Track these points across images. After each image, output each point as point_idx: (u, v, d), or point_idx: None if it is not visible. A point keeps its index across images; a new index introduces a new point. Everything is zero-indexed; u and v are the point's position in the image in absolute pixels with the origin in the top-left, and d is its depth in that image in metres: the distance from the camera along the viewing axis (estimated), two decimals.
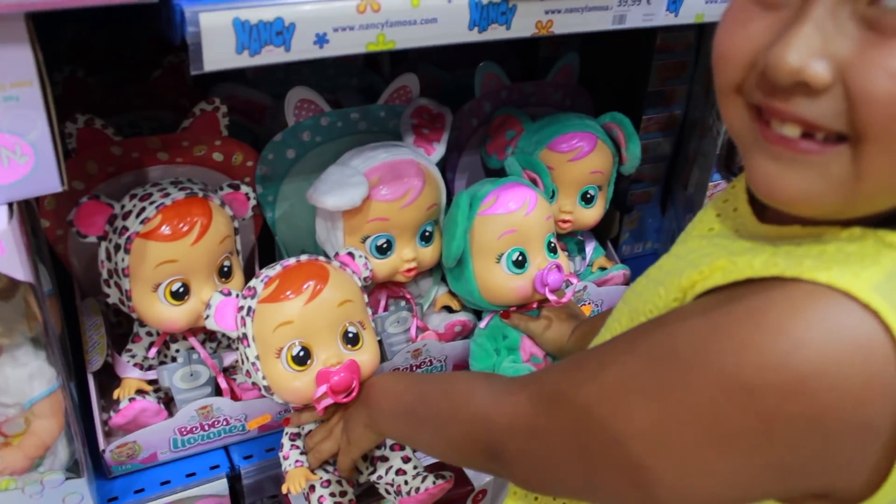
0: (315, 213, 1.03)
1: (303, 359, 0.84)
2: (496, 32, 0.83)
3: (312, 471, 0.89)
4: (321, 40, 0.74)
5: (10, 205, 0.71)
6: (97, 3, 0.65)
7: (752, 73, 0.52)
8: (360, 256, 0.91)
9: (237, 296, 0.86)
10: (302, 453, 0.90)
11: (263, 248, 1.09)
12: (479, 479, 1.07)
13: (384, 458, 0.91)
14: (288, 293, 0.83)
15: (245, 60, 0.72)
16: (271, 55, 0.73)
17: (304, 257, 0.88)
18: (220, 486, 0.96)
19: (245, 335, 0.85)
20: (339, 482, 0.90)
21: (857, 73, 0.46)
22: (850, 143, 0.48)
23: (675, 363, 0.52)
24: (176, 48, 1.15)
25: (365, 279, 0.91)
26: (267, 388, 0.86)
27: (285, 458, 0.90)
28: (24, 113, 0.68)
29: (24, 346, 0.81)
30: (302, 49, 0.73)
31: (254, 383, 0.88)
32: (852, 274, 0.47)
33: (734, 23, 0.53)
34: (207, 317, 0.85)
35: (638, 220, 1.36)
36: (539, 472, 0.63)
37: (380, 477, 0.91)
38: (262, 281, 0.85)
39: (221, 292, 0.86)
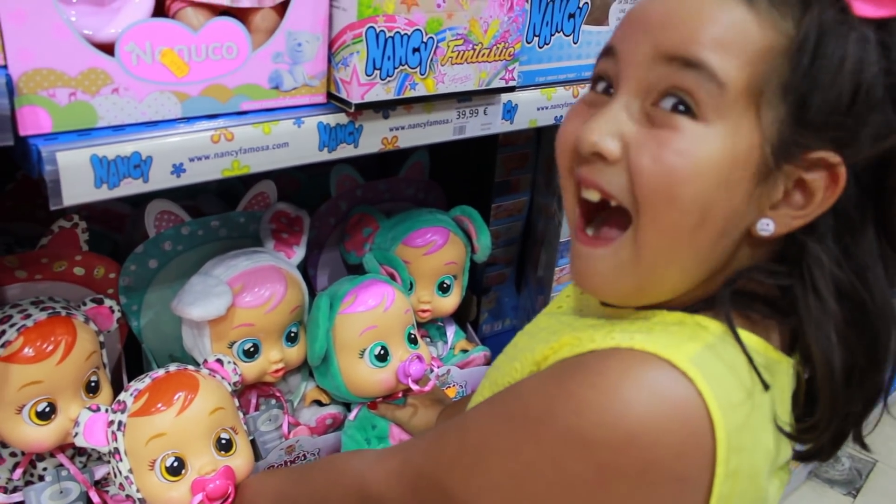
0: (181, 321, 1.05)
1: (177, 469, 0.86)
2: (345, 151, 0.89)
3: None
4: (178, 170, 0.78)
5: None
6: None
7: (575, 155, 0.66)
8: (229, 363, 0.95)
9: (106, 411, 0.87)
10: None
11: (130, 355, 1.10)
12: None
13: None
14: (159, 405, 0.86)
15: (104, 194, 0.75)
16: (130, 187, 0.76)
17: (172, 367, 0.90)
18: None
19: (117, 450, 0.86)
20: None
21: (634, 152, 0.61)
22: (633, 223, 0.62)
23: (527, 421, 0.60)
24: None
25: (234, 384, 0.94)
26: (142, 501, 0.87)
27: None
28: None
29: None
30: (160, 179, 0.77)
31: (128, 496, 0.89)
32: (674, 347, 0.57)
33: (567, 119, 0.69)
34: (76, 434, 0.87)
35: (495, 300, 1.44)
36: None
37: None
38: (131, 395, 0.88)
39: (90, 408, 0.87)
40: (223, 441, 0.90)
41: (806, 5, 0.57)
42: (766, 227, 0.61)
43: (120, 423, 0.86)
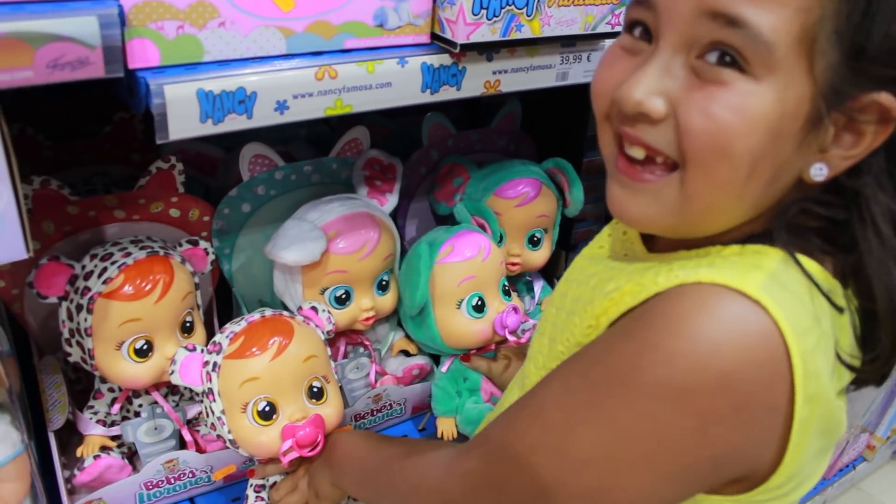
0: (272, 266, 1.05)
1: (268, 414, 0.86)
2: (447, 93, 0.87)
3: None
4: (282, 107, 0.77)
5: None
6: (66, 79, 0.67)
7: (614, 106, 0.62)
8: (324, 311, 0.94)
9: (202, 351, 0.88)
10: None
11: (221, 299, 1.11)
12: None
13: None
14: (254, 349, 0.86)
15: (209, 129, 0.75)
16: (234, 122, 0.76)
17: (268, 312, 0.90)
18: None
19: (210, 390, 0.87)
20: None
21: (682, 109, 0.58)
22: (680, 171, 0.59)
23: (612, 387, 0.58)
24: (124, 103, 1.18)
25: (328, 332, 0.94)
26: (232, 442, 0.88)
27: None
28: None
29: None
30: (263, 116, 0.77)
31: (218, 436, 0.90)
32: (741, 276, 0.55)
33: (605, 65, 0.65)
34: (172, 372, 0.87)
35: None
36: None
37: None
38: (227, 336, 0.88)
39: (186, 348, 0.88)
40: (315, 389, 0.89)
41: None
42: (820, 171, 0.59)
43: (215, 364, 0.87)
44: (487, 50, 0.87)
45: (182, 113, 0.72)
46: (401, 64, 0.83)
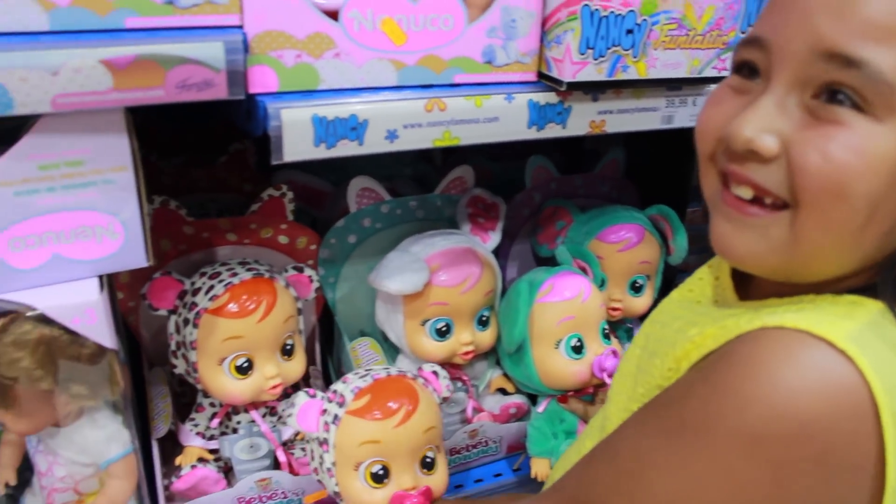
0: (375, 296, 1.08)
1: (381, 477, 0.85)
2: (552, 131, 0.89)
3: None
4: (392, 136, 0.80)
5: (101, 277, 0.78)
6: (192, 99, 0.72)
7: (721, 145, 0.61)
8: (445, 377, 0.93)
9: (322, 398, 0.89)
10: None
11: (323, 328, 1.14)
12: None
13: None
14: (376, 413, 0.84)
15: (321, 153, 0.78)
16: (346, 148, 0.79)
17: (393, 371, 0.90)
18: None
19: (326, 440, 0.86)
20: None
21: (796, 149, 0.56)
22: (791, 210, 0.57)
23: (685, 432, 0.56)
24: (240, 135, 1.24)
25: (443, 399, 0.93)
26: (337, 494, 0.87)
27: None
28: (118, 195, 0.76)
29: (104, 409, 0.86)
30: (374, 143, 0.80)
31: (319, 480, 0.90)
32: (829, 324, 0.53)
33: (711, 103, 0.64)
34: (290, 416, 0.88)
35: None
36: None
37: None
38: (351, 391, 0.87)
39: (307, 392, 0.89)
40: (428, 460, 0.88)
41: None
42: None
43: (336, 416, 0.86)
44: (593, 90, 0.89)
45: (297, 136, 0.76)
46: (508, 100, 0.85)
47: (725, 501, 0.54)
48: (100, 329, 0.76)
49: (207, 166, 1.24)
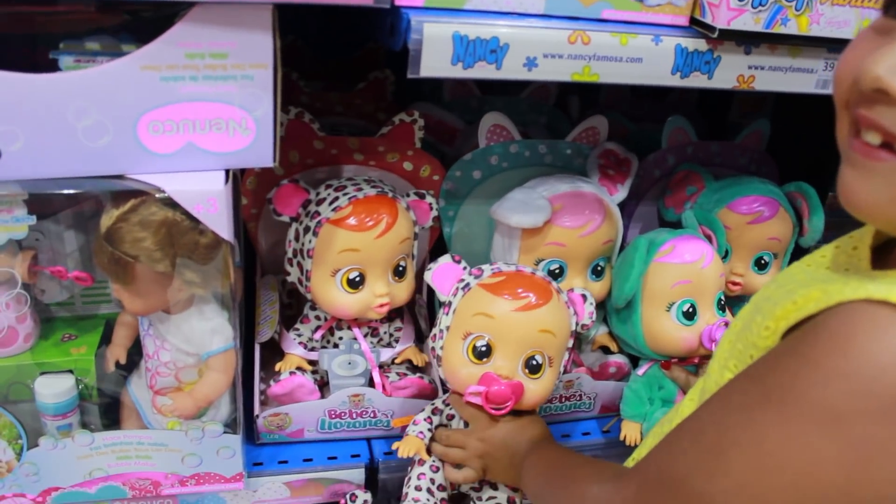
0: (492, 235, 1.08)
1: (483, 354, 0.89)
2: (697, 80, 0.86)
3: (428, 451, 0.95)
4: (530, 63, 0.80)
5: (227, 171, 0.81)
6: (342, 2, 0.73)
7: (854, 87, 0.57)
8: (591, 304, 0.95)
9: (464, 268, 0.93)
10: (430, 430, 0.96)
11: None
12: None
13: (493, 486, 0.95)
14: (505, 294, 0.89)
15: (458, 72, 0.78)
16: (482, 71, 0.79)
17: (539, 272, 0.93)
18: (358, 474, 1.02)
19: (450, 304, 0.91)
20: (444, 478, 0.95)
21: None
22: None
23: (768, 405, 0.54)
24: (380, 66, 1.26)
25: (582, 326, 0.95)
26: (438, 358, 0.93)
27: (415, 423, 0.96)
28: (255, 92, 0.78)
29: (212, 302, 0.90)
30: (512, 69, 0.79)
31: (432, 348, 0.94)
32: None
33: (852, 46, 0.60)
34: (428, 269, 0.95)
35: None
36: None
37: (479, 498, 0.95)
38: (492, 269, 0.92)
39: (452, 257, 0.94)
40: (534, 363, 0.90)
41: None
42: None
43: (468, 285, 0.91)
44: (746, 42, 0.85)
45: (436, 52, 0.76)
46: (655, 41, 0.83)
47: (800, 482, 0.52)
48: (219, 219, 0.79)
49: (345, 92, 1.27)
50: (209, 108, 0.77)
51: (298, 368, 1.02)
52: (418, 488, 0.93)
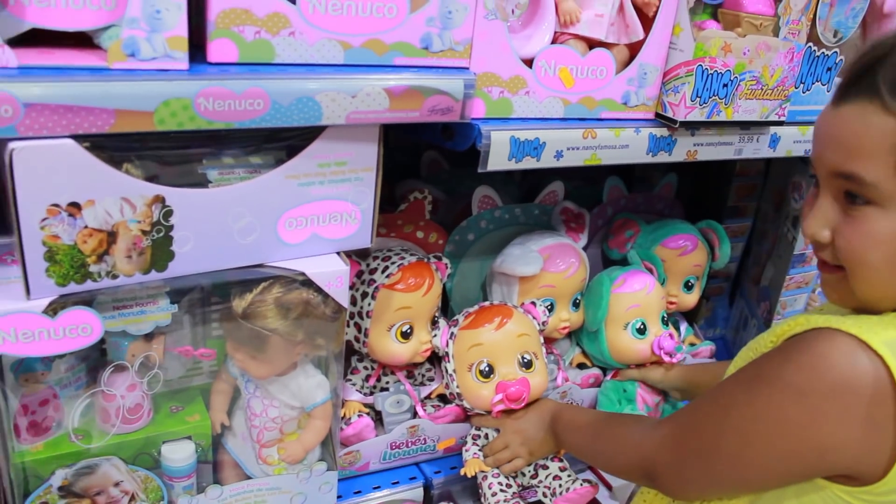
0: (486, 283, 1.37)
1: (487, 373, 1.21)
2: (662, 157, 1.20)
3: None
4: (559, 155, 1.10)
5: (338, 253, 1.05)
6: (436, 120, 1.00)
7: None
8: (541, 305, 1.27)
9: (447, 324, 1.24)
10: (479, 450, 1.24)
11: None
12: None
13: (545, 467, 1.24)
14: (483, 324, 1.22)
15: (512, 165, 1.07)
16: (528, 163, 1.08)
17: (493, 301, 1.24)
18: (417, 492, 1.27)
19: (448, 353, 1.22)
20: (506, 476, 1.22)
21: (837, 236, 0.87)
22: (844, 272, 0.88)
23: (760, 382, 0.88)
24: None
25: (542, 324, 1.26)
26: (459, 395, 1.22)
27: (466, 451, 1.24)
28: (363, 189, 1.03)
29: (310, 362, 1.12)
30: (547, 160, 1.09)
31: (449, 392, 1.23)
32: (872, 332, 0.80)
33: (805, 205, 0.95)
34: (435, 335, 1.24)
35: (710, 309, 1.73)
36: (680, 481, 0.96)
37: (539, 481, 1.24)
38: (463, 315, 1.23)
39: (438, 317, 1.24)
40: (525, 360, 1.23)
41: None
42: None
43: (452, 333, 1.22)
44: (692, 127, 1.21)
45: (498, 151, 1.05)
46: (636, 132, 1.16)
47: (775, 431, 0.84)
48: (343, 293, 1.03)
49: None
50: (330, 205, 1.01)
51: (359, 412, 1.25)
52: (494, 493, 1.19)
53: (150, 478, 1.05)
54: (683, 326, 1.61)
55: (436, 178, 1.54)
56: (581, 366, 1.48)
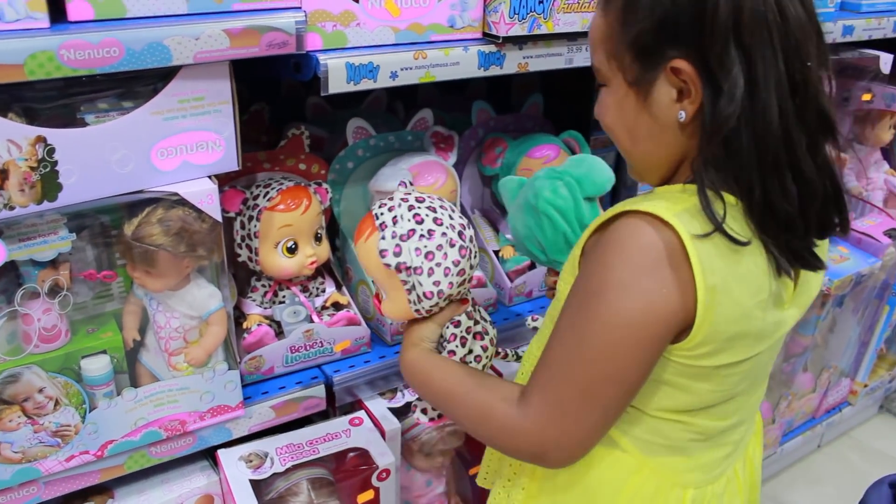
0: (371, 203, 1.60)
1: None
2: (494, 70, 1.42)
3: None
4: (394, 75, 1.32)
5: (209, 177, 1.27)
6: (274, 53, 1.22)
7: None
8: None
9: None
10: None
11: (330, 232, 1.64)
12: None
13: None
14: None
15: (350, 87, 1.29)
16: (365, 84, 1.30)
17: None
18: (320, 390, 1.49)
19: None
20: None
21: None
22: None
23: (590, 298, 0.94)
24: (257, 99, 1.73)
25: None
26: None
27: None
28: (223, 120, 1.25)
29: (202, 275, 1.34)
30: (383, 80, 1.31)
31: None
32: (661, 208, 0.91)
33: None
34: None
35: None
36: (573, 444, 0.97)
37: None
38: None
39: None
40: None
41: None
42: (681, 115, 0.94)
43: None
44: (519, 42, 1.43)
45: (336, 76, 1.27)
46: (465, 50, 1.38)
47: (629, 331, 0.91)
48: (215, 208, 1.26)
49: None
50: (195, 135, 1.23)
51: (259, 322, 1.48)
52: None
53: (70, 383, 1.27)
54: None
55: (321, 120, 1.76)
56: None
